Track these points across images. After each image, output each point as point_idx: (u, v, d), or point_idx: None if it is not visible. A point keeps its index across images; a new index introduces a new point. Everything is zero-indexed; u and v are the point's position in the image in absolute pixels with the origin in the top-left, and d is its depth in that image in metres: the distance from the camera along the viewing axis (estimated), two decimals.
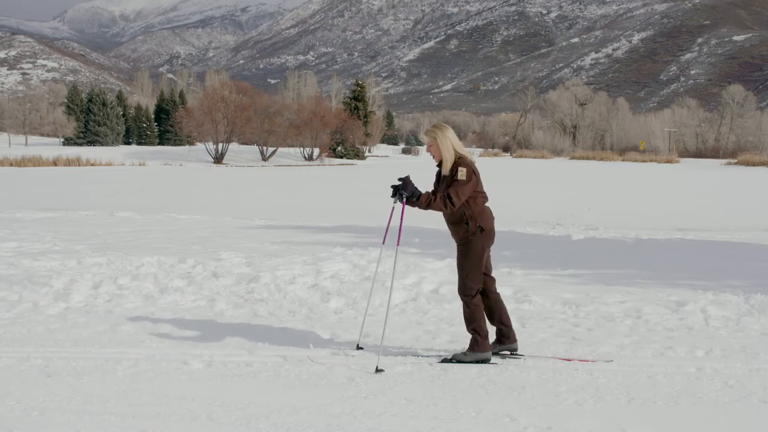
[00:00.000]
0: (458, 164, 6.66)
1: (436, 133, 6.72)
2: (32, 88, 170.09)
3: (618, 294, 9.58)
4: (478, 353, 6.76)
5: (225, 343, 7.39)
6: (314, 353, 7.03)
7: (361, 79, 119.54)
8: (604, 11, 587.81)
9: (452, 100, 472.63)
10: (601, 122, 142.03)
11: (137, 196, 32.89)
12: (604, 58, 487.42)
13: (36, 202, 28.18)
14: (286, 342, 7.47)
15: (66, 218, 20.62)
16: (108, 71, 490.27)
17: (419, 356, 6.96)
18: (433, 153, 6.80)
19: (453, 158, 6.69)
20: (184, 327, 8.10)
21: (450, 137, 6.71)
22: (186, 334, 7.80)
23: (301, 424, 5.19)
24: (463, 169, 6.60)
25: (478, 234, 6.71)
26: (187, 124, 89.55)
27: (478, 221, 6.70)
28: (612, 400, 5.72)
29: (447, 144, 6.69)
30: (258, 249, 13.59)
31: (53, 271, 10.93)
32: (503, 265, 11.81)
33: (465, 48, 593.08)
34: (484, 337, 6.76)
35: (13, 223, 18.93)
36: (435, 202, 6.59)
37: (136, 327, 8.05)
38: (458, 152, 6.72)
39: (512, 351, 6.96)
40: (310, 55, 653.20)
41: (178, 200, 30.77)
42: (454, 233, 6.82)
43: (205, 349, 7.18)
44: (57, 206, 26.16)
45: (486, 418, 5.33)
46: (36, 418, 5.32)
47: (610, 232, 19.14)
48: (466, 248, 6.75)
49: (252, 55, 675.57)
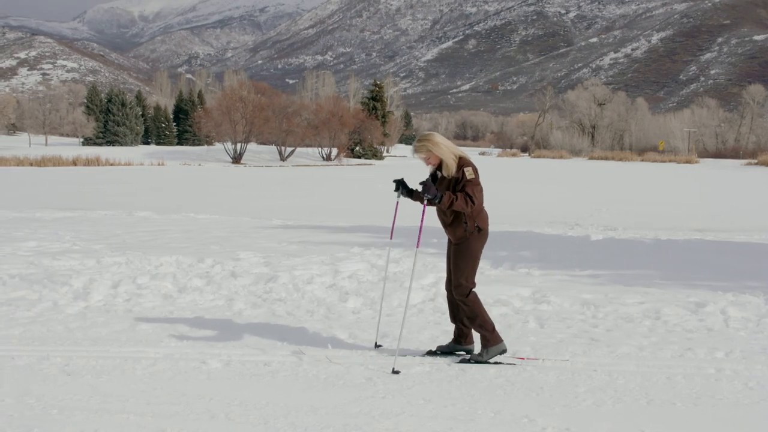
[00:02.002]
0: (462, 164, 6.67)
1: (427, 145, 6.71)
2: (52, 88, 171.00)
3: (637, 295, 9.54)
4: (492, 347, 6.76)
5: (243, 343, 7.41)
6: (332, 353, 7.04)
7: (379, 79, 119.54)
8: (623, 11, 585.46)
9: (470, 100, 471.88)
10: (619, 122, 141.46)
11: (156, 196, 33.01)
12: (623, 57, 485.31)
13: (56, 202, 28.32)
14: (304, 342, 7.48)
15: (85, 218, 20.72)
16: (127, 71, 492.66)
17: (436, 357, 6.95)
18: (434, 164, 6.81)
19: (456, 159, 6.70)
20: (202, 326, 8.12)
21: (441, 142, 6.71)
22: (204, 333, 7.82)
23: (319, 424, 5.19)
24: (470, 168, 6.63)
25: (475, 233, 6.72)
26: (205, 124, 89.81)
27: (477, 221, 6.71)
28: (631, 401, 5.69)
29: (442, 149, 6.68)
30: (276, 249, 13.61)
31: (73, 271, 10.99)
32: (521, 266, 11.79)
33: (483, 48, 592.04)
34: (491, 330, 6.77)
35: (33, 222, 19.04)
36: (457, 202, 6.56)
37: (155, 326, 8.08)
38: (456, 153, 6.72)
39: (468, 352, 6.98)
40: (329, 55, 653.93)
41: (197, 200, 30.86)
42: (451, 233, 6.82)
43: (224, 348, 7.20)
44: (76, 206, 26.29)
45: (504, 418, 5.32)
46: (55, 416, 5.35)
47: (628, 232, 19.05)
48: (464, 247, 6.75)
49: (270, 56, 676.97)
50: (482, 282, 10.30)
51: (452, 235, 6.82)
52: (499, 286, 10.03)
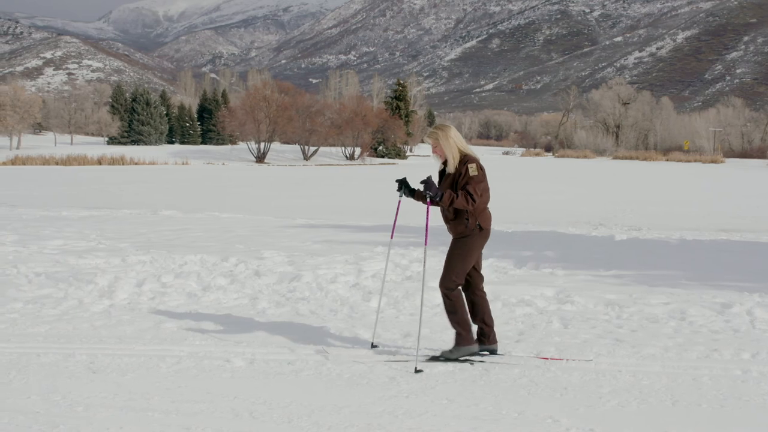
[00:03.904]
0: (466, 161, 6.67)
1: (438, 134, 6.75)
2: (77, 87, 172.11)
3: (662, 295, 9.48)
4: (464, 347, 6.77)
5: (267, 342, 7.43)
6: (355, 352, 7.04)
7: (402, 79, 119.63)
8: (648, 9, 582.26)
9: (494, 100, 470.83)
10: (644, 122, 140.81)
11: (180, 195, 33.17)
12: (647, 57, 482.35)
13: (81, 201, 28.52)
14: (327, 341, 7.50)
15: (110, 216, 20.85)
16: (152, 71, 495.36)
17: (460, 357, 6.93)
18: (438, 154, 6.85)
19: (458, 157, 6.71)
20: (226, 325, 8.15)
21: (453, 136, 6.73)
22: (228, 332, 7.85)
23: (343, 423, 5.19)
24: (473, 165, 6.64)
25: (476, 231, 6.71)
26: (229, 124, 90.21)
27: (479, 219, 6.71)
28: (656, 403, 5.65)
29: (450, 143, 6.71)
30: (299, 248, 13.64)
31: (98, 269, 11.06)
32: (545, 266, 11.75)
33: (507, 47, 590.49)
34: (467, 330, 6.77)
35: (58, 221, 19.18)
36: (458, 200, 6.58)
37: (180, 325, 8.12)
38: (463, 150, 6.73)
39: (492, 352, 6.94)
40: (352, 54, 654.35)
41: (220, 199, 30.98)
42: (452, 229, 6.81)
43: (248, 347, 7.22)
44: (101, 205, 26.46)
45: (528, 419, 5.30)
46: (81, 413, 5.38)
47: (653, 232, 18.94)
48: (462, 243, 6.74)
49: (294, 55, 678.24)
50: (506, 282, 10.29)
51: (453, 231, 6.82)
52: (523, 285, 10.00)
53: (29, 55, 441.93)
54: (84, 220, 19.64)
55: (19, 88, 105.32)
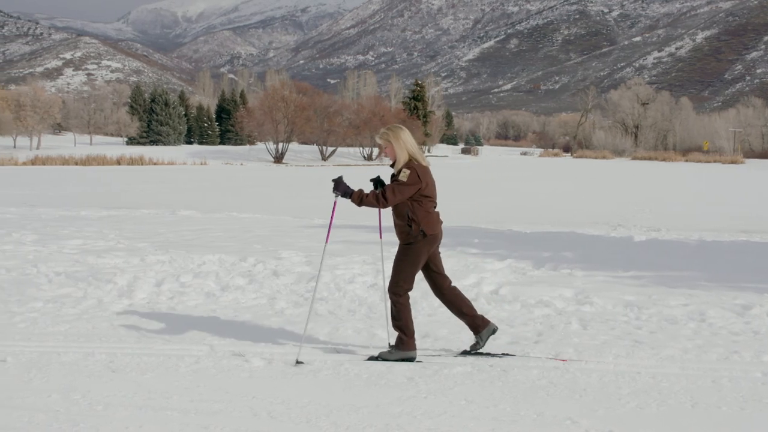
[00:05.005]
0: (405, 166, 6.71)
1: (389, 135, 6.80)
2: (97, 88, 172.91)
3: (681, 297, 9.43)
4: (402, 351, 6.81)
5: (285, 341, 7.45)
6: (372, 352, 7.04)
7: (420, 79, 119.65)
8: (667, 9, 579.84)
9: (512, 100, 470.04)
10: (663, 122, 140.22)
11: (198, 195, 33.27)
12: (666, 57, 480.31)
13: (100, 201, 28.66)
14: (345, 341, 7.50)
15: (129, 216, 20.94)
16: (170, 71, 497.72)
17: (479, 356, 6.92)
18: (389, 154, 6.89)
19: (405, 159, 6.76)
20: (244, 325, 8.18)
21: (403, 138, 6.77)
22: (247, 331, 7.87)
23: (361, 423, 5.19)
24: (407, 171, 6.67)
25: (420, 238, 6.73)
26: (247, 124, 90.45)
27: (422, 225, 6.72)
28: (676, 405, 5.62)
29: (400, 144, 6.76)
30: (318, 248, 13.64)
31: (117, 269, 11.12)
32: (564, 267, 11.71)
33: (525, 47, 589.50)
34: (410, 335, 6.81)
35: (78, 220, 19.28)
36: (366, 199, 6.74)
37: (198, 324, 8.15)
38: (412, 154, 6.76)
39: (493, 331, 6.98)
40: (370, 54, 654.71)
41: (239, 199, 31.05)
42: (398, 232, 6.88)
43: (266, 346, 7.24)
44: (120, 204, 26.58)
45: (547, 420, 5.29)
46: (101, 412, 5.41)
47: (672, 233, 18.85)
48: (407, 249, 6.79)
49: (312, 55, 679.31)
50: (524, 282, 10.27)
51: (399, 234, 6.88)
52: (542, 286, 9.97)
53: (49, 55, 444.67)
54: (103, 219, 19.74)
55: (39, 88, 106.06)
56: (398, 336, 6.83)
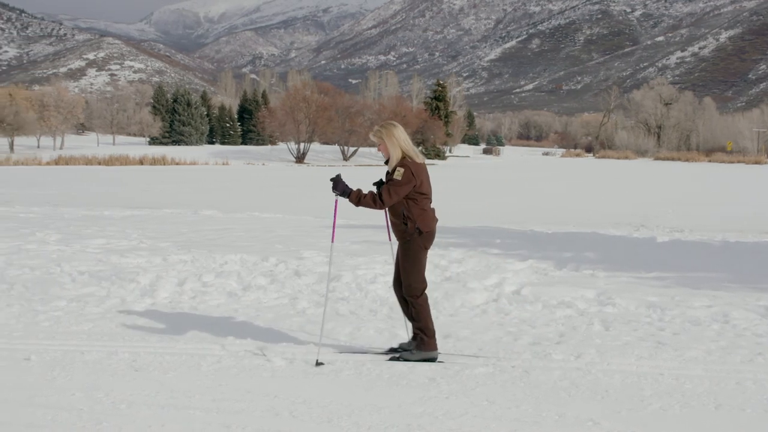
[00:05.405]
0: (399, 164, 6.69)
1: (383, 133, 6.80)
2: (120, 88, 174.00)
3: (704, 298, 9.37)
4: (424, 352, 6.81)
5: (307, 341, 7.45)
6: (395, 349, 7.04)
7: (442, 79, 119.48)
8: (691, 9, 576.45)
9: (534, 100, 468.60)
10: (686, 122, 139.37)
11: (220, 195, 33.39)
12: (690, 56, 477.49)
13: (123, 200, 28.82)
14: (367, 340, 7.50)
15: (151, 216, 21.04)
16: (192, 72, 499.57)
17: (500, 358, 6.90)
18: (383, 152, 6.89)
19: (399, 156, 6.73)
20: (266, 324, 8.20)
21: (397, 136, 6.75)
22: (268, 331, 7.89)
23: (383, 423, 5.19)
24: (401, 170, 6.64)
25: (416, 235, 6.73)
26: (269, 124, 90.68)
27: (417, 223, 6.71)
28: (699, 406, 5.59)
29: (393, 142, 6.74)
30: (339, 248, 13.67)
31: (140, 268, 11.17)
32: (586, 267, 11.66)
33: (547, 47, 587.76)
34: (430, 336, 6.80)
35: (101, 220, 19.39)
36: (364, 199, 6.74)
37: (220, 324, 8.17)
38: (405, 151, 6.74)
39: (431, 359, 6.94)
40: (391, 55, 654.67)
41: (260, 199, 31.14)
42: (395, 230, 6.90)
43: (287, 346, 7.25)
44: (143, 204, 26.72)
45: (568, 421, 5.27)
46: (124, 411, 5.44)
47: (696, 234, 18.74)
48: (406, 247, 6.80)
49: (333, 56, 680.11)
50: (545, 283, 10.23)
51: (396, 233, 6.90)
52: (564, 287, 9.93)
53: (72, 56, 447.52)
54: (125, 219, 19.84)
55: (63, 88, 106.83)
56: (419, 337, 6.83)
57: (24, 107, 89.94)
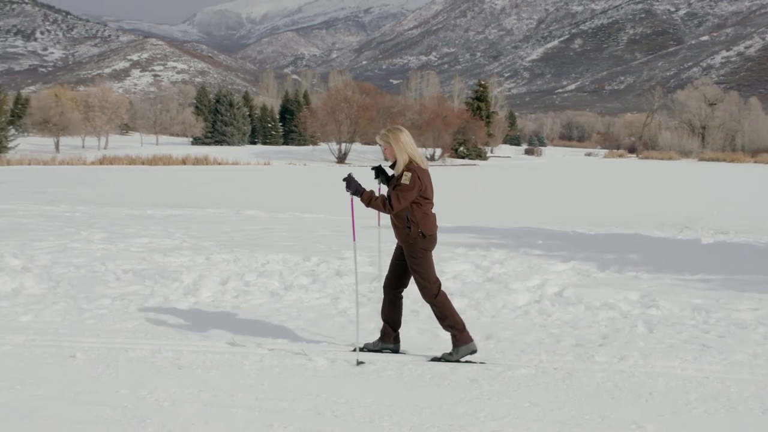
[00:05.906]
0: (405, 169, 6.72)
1: (389, 137, 6.83)
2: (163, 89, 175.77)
3: (750, 301, 9.25)
4: (462, 347, 6.81)
5: (348, 341, 7.47)
6: (435, 354, 7.03)
7: (483, 80, 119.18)
8: (736, 7, 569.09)
9: (576, 100, 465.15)
10: (732, 123, 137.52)
11: (262, 195, 33.57)
12: (735, 56, 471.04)
13: (166, 200, 29.08)
14: (408, 341, 7.50)
15: (194, 215, 21.20)
16: (235, 72, 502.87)
17: (542, 360, 6.87)
18: (389, 156, 6.92)
19: (406, 160, 6.77)
20: (308, 324, 8.23)
21: (403, 140, 6.79)
22: (310, 331, 7.92)
23: (424, 424, 5.19)
24: (408, 174, 6.69)
25: (419, 238, 6.78)
26: (311, 124, 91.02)
27: (420, 226, 6.78)
28: (745, 411, 5.52)
29: (400, 146, 6.79)
30: (380, 248, 13.66)
31: (183, 267, 11.27)
32: (629, 269, 11.56)
33: (590, 47, 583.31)
34: (461, 329, 6.82)
35: (144, 219, 19.59)
36: (374, 201, 6.78)
37: (262, 323, 8.22)
38: (411, 156, 6.77)
39: (393, 351, 7.15)
40: (433, 55, 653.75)
41: (302, 199, 31.26)
42: (397, 234, 6.96)
43: (329, 346, 7.27)
44: (186, 203, 26.94)
45: (611, 424, 5.23)
46: (167, 408, 5.49)
47: (741, 236, 18.50)
48: (412, 251, 6.85)
49: (375, 56, 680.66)
50: (588, 285, 10.16)
51: (398, 236, 6.96)
52: (606, 289, 9.85)
53: (117, 57, 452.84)
54: (168, 218, 20.02)
55: (107, 89, 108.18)
56: (451, 335, 6.85)
57: (69, 108, 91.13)
